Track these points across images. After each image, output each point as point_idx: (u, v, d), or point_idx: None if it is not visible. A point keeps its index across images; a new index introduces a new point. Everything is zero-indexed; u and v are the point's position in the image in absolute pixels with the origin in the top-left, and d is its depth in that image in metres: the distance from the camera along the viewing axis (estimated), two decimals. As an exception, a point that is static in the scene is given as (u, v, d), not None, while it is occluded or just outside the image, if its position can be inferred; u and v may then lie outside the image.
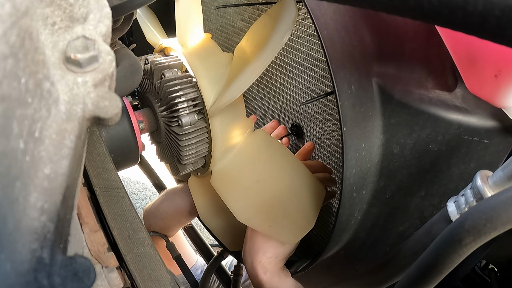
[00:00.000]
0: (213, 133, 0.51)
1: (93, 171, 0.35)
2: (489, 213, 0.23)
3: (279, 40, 0.40)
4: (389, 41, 0.40)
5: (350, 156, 0.36)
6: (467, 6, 0.16)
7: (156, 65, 0.53)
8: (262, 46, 0.42)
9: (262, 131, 0.55)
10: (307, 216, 0.48)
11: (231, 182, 0.53)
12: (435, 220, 0.32)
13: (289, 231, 0.48)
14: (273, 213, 0.49)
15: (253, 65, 0.43)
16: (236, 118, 0.52)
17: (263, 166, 0.53)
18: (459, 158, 0.39)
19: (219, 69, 0.51)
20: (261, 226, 0.49)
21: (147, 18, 0.70)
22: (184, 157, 0.52)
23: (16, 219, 0.14)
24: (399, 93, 0.38)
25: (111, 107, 0.19)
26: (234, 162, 0.54)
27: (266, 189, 0.51)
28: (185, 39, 0.54)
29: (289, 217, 0.49)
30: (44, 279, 0.14)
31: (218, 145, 0.52)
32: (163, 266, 0.30)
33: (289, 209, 0.50)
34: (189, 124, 0.51)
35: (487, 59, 0.32)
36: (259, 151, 0.54)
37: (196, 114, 0.52)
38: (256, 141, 0.54)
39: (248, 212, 0.50)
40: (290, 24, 0.39)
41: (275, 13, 0.42)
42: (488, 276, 0.49)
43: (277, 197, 0.50)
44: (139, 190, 1.91)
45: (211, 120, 0.51)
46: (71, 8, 0.20)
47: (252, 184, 0.52)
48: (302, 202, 0.49)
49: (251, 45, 0.46)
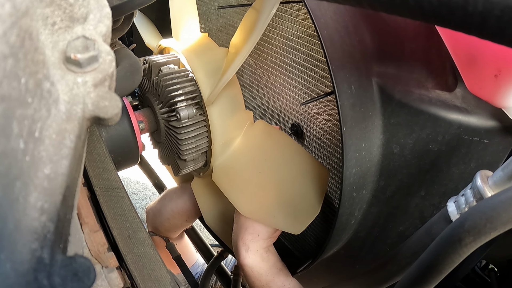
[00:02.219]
0: (212, 125, 0.51)
1: (93, 171, 0.35)
2: (489, 213, 0.23)
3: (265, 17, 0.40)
4: (389, 41, 0.40)
5: (350, 156, 0.36)
6: (467, 6, 0.16)
7: (153, 63, 0.53)
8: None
9: (262, 122, 0.55)
10: (312, 202, 0.47)
11: (233, 176, 0.53)
12: (435, 220, 0.32)
13: (294, 220, 0.47)
14: (276, 204, 0.49)
15: (243, 48, 0.44)
16: (234, 110, 0.52)
17: (264, 156, 0.52)
18: (459, 158, 0.39)
19: (216, 63, 0.52)
20: (265, 218, 0.48)
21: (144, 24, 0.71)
22: (183, 152, 0.52)
23: (16, 219, 0.14)
24: (399, 93, 0.38)
25: (111, 107, 0.19)
26: (235, 156, 0.53)
27: (269, 180, 0.50)
28: (180, 34, 0.55)
29: (294, 205, 0.48)
30: (44, 279, 0.14)
31: (218, 138, 0.52)
32: (163, 266, 0.30)
33: (293, 197, 0.49)
34: (187, 117, 0.51)
35: (487, 59, 0.32)
36: (260, 142, 0.53)
37: (194, 108, 0.52)
38: (256, 132, 0.54)
39: (251, 205, 0.49)
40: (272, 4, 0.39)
41: (258, 4, 0.43)
42: (488, 276, 0.49)
43: (280, 187, 0.50)
44: (139, 190, 1.91)
45: (209, 110, 0.50)
46: (71, 8, 0.20)
47: (254, 176, 0.51)
48: (306, 188, 0.48)
49: (241, 37, 0.46)
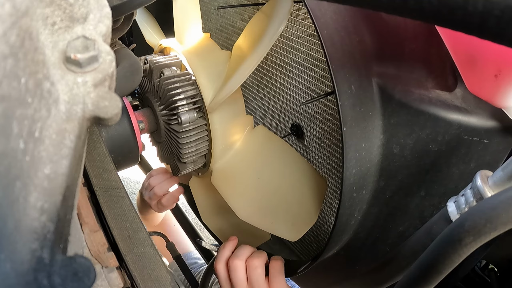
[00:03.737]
0: (213, 130, 0.51)
1: (93, 171, 0.35)
2: (489, 213, 0.23)
3: (274, 32, 0.40)
4: (389, 41, 0.40)
5: (350, 156, 0.36)
6: (467, 6, 0.16)
7: (155, 64, 0.53)
8: (257, 40, 0.42)
9: (262, 127, 0.55)
10: (309, 210, 0.48)
11: (232, 180, 0.53)
12: (435, 220, 0.32)
13: (291, 227, 0.48)
14: (274, 210, 0.49)
15: (249, 58, 0.43)
16: (235, 115, 0.52)
17: (263, 162, 0.53)
18: (459, 158, 0.39)
19: (218, 67, 0.51)
20: (263, 223, 0.49)
21: (146, 20, 0.70)
22: (184, 155, 0.53)
23: (16, 219, 0.14)
24: (399, 93, 0.38)
25: (111, 107, 0.19)
26: (234, 160, 0.54)
27: (267, 186, 0.51)
28: (184, 37, 0.54)
29: (291, 212, 0.48)
30: (44, 279, 0.14)
31: (218, 143, 0.52)
32: (163, 266, 0.30)
33: (291, 204, 0.49)
34: (188, 121, 0.51)
35: (487, 59, 0.32)
36: (260, 148, 0.54)
37: (195, 112, 0.52)
38: (256, 137, 0.54)
39: (249, 209, 0.49)
40: (285, 15, 0.39)
41: (269, 10, 0.43)
42: (488, 276, 0.49)
43: (278, 193, 0.50)
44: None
45: (211, 116, 0.51)
46: (71, 8, 0.20)
47: (253, 181, 0.52)
48: (304, 196, 0.49)
49: (248, 42, 0.46)
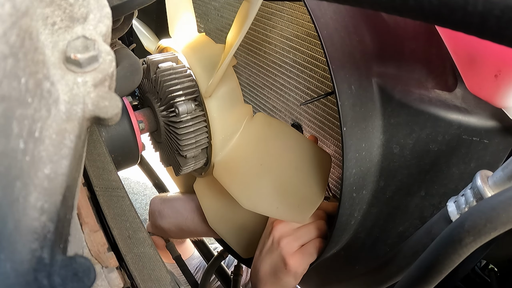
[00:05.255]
0: (211, 119, 0.51)
1: (93, 171, 0.35)
2: (489, 213, 0.23)
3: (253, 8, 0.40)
4: (389, 41, 0.40)
5: (350, 156, 0.36)
6: (467, 6, 0.16)
7: (151, 61, 0.53)
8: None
9: (261, 114, 0.54)
10: (315, 189, 0.47)
11: (234, 170, 0.52)
12: (435, 220, 0.32)
13: (298, 209, 0.46)
14: (279, 194, 0.48)
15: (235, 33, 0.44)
16: (233, 104, 0.52)
17: (265, 148, 0.52)
18: (459, 158, 0.39)
19: (213, 58, 0.52)
20: (268, 210, 0.48)
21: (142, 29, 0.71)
22: (183, 147, 0.52)
23: (16, 219, 0.14)
24: (399, 93, 0.38)
25: (111, 107, 0.19)
26: (235, 150, 0.53)
27: (270, 171, 0.50)
28: (175, 28, 0.55)
29: (297, 194, 0.47)
30: (44, 279, 0.14)
31: (218, 133, 0.52)
32: (163, 266, 0.30)
33: (296, 185, 0.48)
34: (186, 112, 0.51)
35: (487, 59, 0.32)
36: (260, 134, 0.53)
37: (193, 103, 0.52)
38: (256, 124, 0.53)
39: (254, 198, 0.49)
40: None
41: None
42: (488, 276, 0.49)
43: (282, 176, 0.49)
44: (139, 190, 1.91)
45: (208, 104, 0.50)
46: (71, 8, 0.20)
47: (256, 169, 0.51)
48: (309, 176, 0.48)
49: (235, 30, 0.46)
